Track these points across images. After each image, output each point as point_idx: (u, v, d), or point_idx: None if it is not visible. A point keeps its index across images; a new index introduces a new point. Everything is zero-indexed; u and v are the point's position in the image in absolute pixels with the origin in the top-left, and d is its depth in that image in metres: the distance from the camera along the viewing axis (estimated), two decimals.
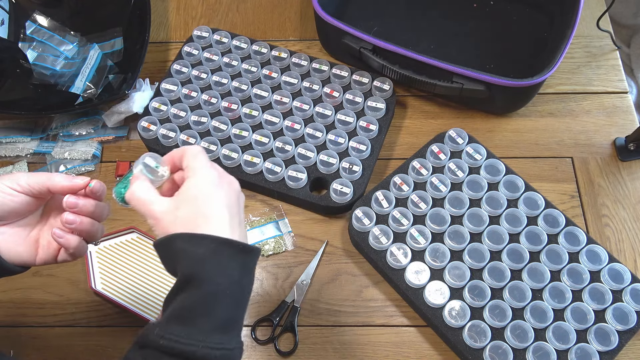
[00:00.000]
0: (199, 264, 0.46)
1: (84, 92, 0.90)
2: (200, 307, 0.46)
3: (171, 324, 0.46)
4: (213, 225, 0.48)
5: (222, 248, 0.48)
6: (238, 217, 0.51)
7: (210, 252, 0.47)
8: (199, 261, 0.46)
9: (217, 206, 0.49)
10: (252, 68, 0.89)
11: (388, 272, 0.73)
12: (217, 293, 0.46)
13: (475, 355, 0.68)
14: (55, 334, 0.74)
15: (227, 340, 0.47)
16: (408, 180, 0.79)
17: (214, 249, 0.47)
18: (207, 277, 0.46)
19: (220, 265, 0.47)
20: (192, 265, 0.46)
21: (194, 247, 0.47)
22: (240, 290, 0.48)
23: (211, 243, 0.47)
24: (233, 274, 0.48)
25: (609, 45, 0.95)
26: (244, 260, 0.49)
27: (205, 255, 0.47)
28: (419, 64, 0.81)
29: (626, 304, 0.70)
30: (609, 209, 0.81)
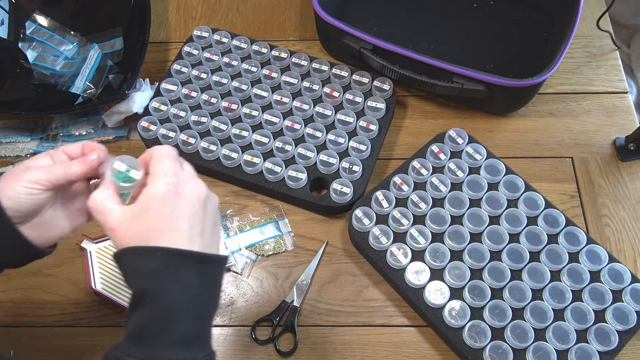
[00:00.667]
0: (151, 279, 0.45)
1: (84, 92, 0.90)
2: (156, 324, 0.44)
3: (130, 345, 0.44)
4: (166, 237, 0.46)
5: (175, 260, 0.45)
6: (200, 227, 0.48)
7: (162, 266, 0.45)
8: (150, 276, 0.45)
9: (172, 217, 0.47)
10: (252, 68, 0.89)
11: (388, 272, 0.73)
12: (172, 308, 0.44)
13: (475, 355, 0.68)
14: (55, 334, 0.74)
15: (192, 354, 0.45)
16: (408, 180, 0.79)
17: (166, 262, 0.45)
18: (160, 292, 0.44)
19: (174, 279, 0.45)
20: (144, 280, 0.45)
21: (146, 261, 0.45)
22: (200, 303, 0.46)
23: (163, 256, 0.45)
24: (190, 287, 0.45)
25: (609, 45, 0.95)
26: (202, 270, 0.47)
27: (157, 269, 0.45)
28: (419, 64, 0.81)
29: (626, 304, 0.70)
30: (609, 209, 0.81)
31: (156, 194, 0.47)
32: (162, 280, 0.45)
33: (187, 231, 0.47)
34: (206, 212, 0.49)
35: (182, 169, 0.50)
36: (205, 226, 0.49)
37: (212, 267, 0.48)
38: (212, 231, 0.50)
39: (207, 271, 0.47)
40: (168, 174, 0.48)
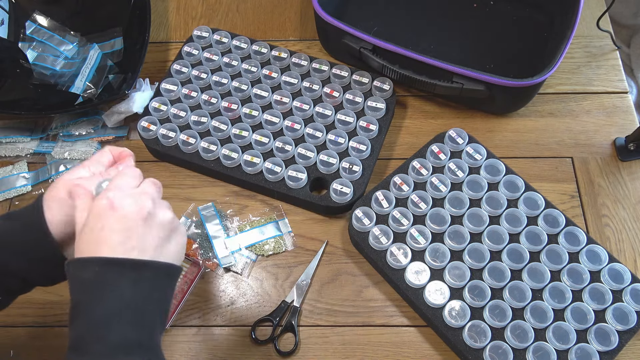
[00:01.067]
0: (83, 289, 0.46)
1: (84, 92, 0.90)
2: (91, 333, 0.45)
3: (71, 356, 0.45)
4: (100, 250, 0.46)
5: (108, 269, 0.46)
6: (138, 241, 0.47)
7: (95, 275, 0.45)
8: (83, 286, 0.46)
9: (103, 231, 0.47)
10: (252, 68, 0.89)
11: (388, 272, 0.73)
12: (106, 316, 0.45)
13: (475, 355, 0.68)
14: (55, 334, 0.74)
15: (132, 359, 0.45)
16: (408, 180, 0.79)
17: (98, 272, 0.46)
18: (94, 301, 0.45)
19: (106, 287, 0.45)
20: (78, 290, 0.46)
21: (81, 273, 0.46)
22: (137, 310, 0.46)
23: (96, 266, 0.46)
24: (124, 294, 0.45)
25: (609, 45, 0.95)
26: (139, 277, 0.47)
27: (90, 280, 0.45)
28: (419, 64, 0.81)
29: (626, 304, 0.70)
30: (609, 209, 0.81)
31: (93, 207, 0.48)
32: (94, 289, 0.45)
33: (119, 245, 0.46)
34: (148, 227, 0.48)
35: (137, 183, 0.52)
36: (146, 240, 0.48)
37: (151, 273, 0.48)
38: (160, 245, 0.49)
39: (146, 278, 0.47)
40: (112, 187, 0.50)
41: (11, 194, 0.84)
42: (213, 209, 0.81)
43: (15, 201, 0.84)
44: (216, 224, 0.80)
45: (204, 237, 0.79)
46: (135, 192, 0.50)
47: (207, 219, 0.81)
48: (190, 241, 0.80)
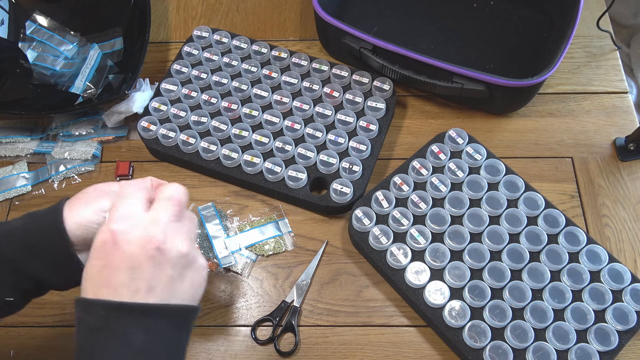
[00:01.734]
0: (89, 334, 0.41)
1: (84, 92, 0.90)
2: None
3: None
4: (104, 289, 0.42)
5: (114, 314, 0.41)
6: (146, 282, 0.42)
7: (99, 320, 0.41)
8: (89, 330, 0.42)
9: (104, 270, 0.42)
10: (252, 68, 0.89)
11: (388, 272, 0.73)
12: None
13: (475, 355, 0.68)
14: (55, 334, 0.74)
15: None
16: (408, 180, 0.79)
17: (104, 317, 0.41)
18: (98, 350, 0.41)
19: (113, 336, 0.41)
20: (83, 334, 0.42)
21: (85, 315, 0.42)
22: (148, 358, 0.41)
23: (102, 310, 0.41)
24: (133, 343, 0.41)
25: (609, 45, 0.95)
26: (148, 324, 0.42)
27: (95, 325, 0.41)
28: (419, 64, 0.81)
29: (626, 304, 0.70)
30: (609, 209, 0.81)
31: (95, 240, 0.44)
32: (100, 336, 0.41)
33: (124, 287, 0.42)
34: (157, 264, 0.43)
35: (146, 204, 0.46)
36: (155, 280, 0.43)
37: (164, 318, 0.43)
38: (172, 284, 0.44)
39: (157, 324, 0.42)
40: (114, 218, 0.44)
41: (11, 194, 0.84)
42: (213, 209, 0.81)
43: (15, 201, 0.84)
44: (216, 224, 0.80)
45: (203, 237, 0.79)
46: (143, 221, 0.44)
47: (207, 219, 0.81)
48: None
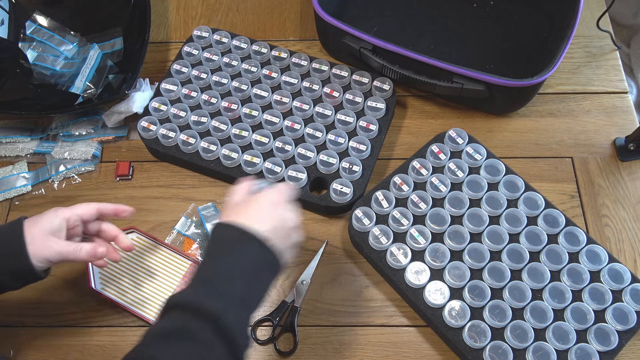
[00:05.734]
0: (221, 243, 0.58)
1: (84, 92, 0.90)
2: (219, 277, 0.55)
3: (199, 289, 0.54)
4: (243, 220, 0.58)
5: (245, 235, 0.57)
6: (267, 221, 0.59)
7: (235, 235, 0.57)
8: (222, 240, 0.58)
9: (253, 209, 0.60)
10: (252, 68, 0.89)
11: (388, 272, 0.73)
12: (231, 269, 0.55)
13: (475, 355, 0.68)
14: (55, 334, 0.74)
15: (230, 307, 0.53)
16: (408, 180, 0.79)
17: (237, 234, 0.57)
18: (226, 254, 0.56)
19: (239, 248, 0.56)
20: (216, 243, 0.58)
21: (223, 231, 0.58)
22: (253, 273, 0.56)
23: (235, 231, 0.57)
24: (248, 258, 0.56)
25: (609, 45, 0.95)
26: (263, 249, 0.57)
27: (229, 237, 0.57)
28: (419, 64, 0.81)
29: (626, 304, 0.70)
30: (609, 209, 0.81)
31: (252, 197, 0.63)
32: (229, 246, 0.57)
33: (257, 222, 0.58)
34: (273, 211, 0.61)
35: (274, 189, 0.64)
36: (269, 219, 0.59)
37: (273, 253, 0.57)
38: (283, 238, 0.60)
39: (267, 252, 0.57)
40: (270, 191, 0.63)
41: (11, 194, 0.84)
42: (213, 209, 0.81)
43: (15, 201, 0.84)
44: None
45: (204, 237, 0.79)
46: (271, 192, 0.63)
47: (207, 219, 0.81)
48: (191, 241, 0.80)
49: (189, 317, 0.50)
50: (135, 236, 0.79)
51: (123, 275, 0.77)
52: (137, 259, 0.78)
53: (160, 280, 0.77)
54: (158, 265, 0.77)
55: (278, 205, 0.62)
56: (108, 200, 0.83)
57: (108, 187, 0.85)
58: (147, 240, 0.79)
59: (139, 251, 0.79)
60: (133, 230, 0.79)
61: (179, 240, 0.80)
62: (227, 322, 0.50)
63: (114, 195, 0.84)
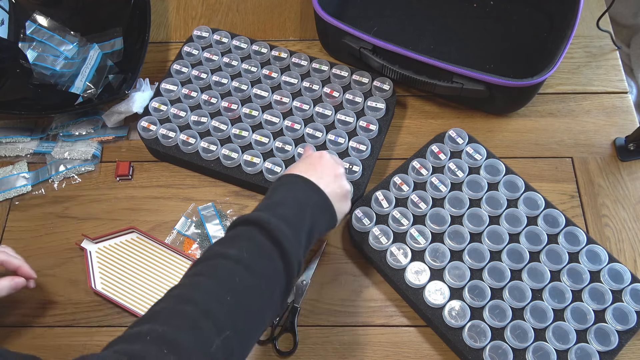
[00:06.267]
0: (278, 184, 0.66)
1: (84, 92, 0.90)
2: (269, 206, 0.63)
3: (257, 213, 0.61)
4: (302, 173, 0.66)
5: (298, 179, 0.66)
6: (317, 170, 0.67)
7: (289, 179, 0.66)
8: (279, 182, 0.67)
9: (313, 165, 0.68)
10: (252, 68, 0.89)
11: (388, 272, 0.73)
12: (281, 200, 0.63)
13: (475, 355, 0.68)
14: (55, 334, 0.74)
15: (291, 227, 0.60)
16: (408, 180, 0.79)
17: (292, 178, 0.66)
18: (279, 191, 0.65)
19: (288, 187, 0.65)
20: (274, 185, 0.66)
21: (283, 178, 0.67)
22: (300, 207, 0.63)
23: (292, 177, 0.66)
24: (297, 195, 0.64)
25: (609, 45, 0.95)
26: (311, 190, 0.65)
27: (284, 181, 0.66)
28: (419, 64, 0.81)
29: (626, 304, 0.70)
30: (609, 209, 0.81)
31: (313, 154, 0.71)
32: (282, 186, 0.65)
33: (313, 175, 0.66)
34: (323, 164, 0.68)
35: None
36: (320, 170, 0.67)
37: (320, 196, 0.65)
38: (331, 177, 0.67)
39: (316, 193, 0.65)
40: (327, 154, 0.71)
41: (11, 194, 0.84)
42: (213, 209, 0.81)
43: (15, 201, 0.84)
44: (216, 224, 0.80)
45: (203, 237, 0.80)
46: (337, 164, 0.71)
47: (207, 219, 0.81)
48: (191, 241, 0.80)
49: (241, 227, 0.59)
50: (135, 236, 0.79)
51: (123, 275, 0.77)
52: (137, 259, 0.78)
53: (160, 280, 0.77)
54: (158, 265, 0.77)
55: (335, 167, 0.69)
56: (108, 200, 0.83)
57: (108, 187, 0.85)
58: (147, 240, 0.79)
59: (139, 251, 0.79)
60: (133, 230, 0.79)
61: (179, 240, 0.80)
62: (273, 228, 0.58)
63: (114, 195, 0.84)
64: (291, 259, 0.57)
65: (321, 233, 0.65)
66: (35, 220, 0.82)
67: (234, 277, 0.54)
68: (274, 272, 0.57)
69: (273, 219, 0.59)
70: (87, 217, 0.82)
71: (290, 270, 0.58)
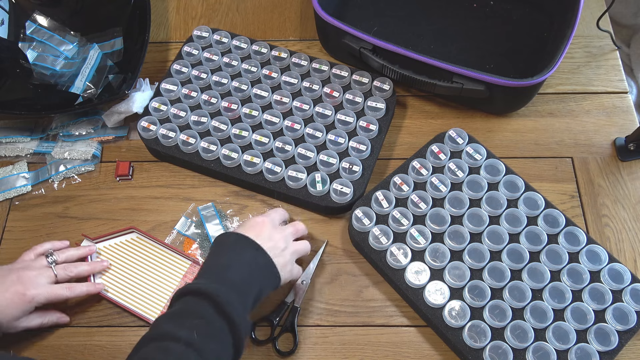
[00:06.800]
0: (220, 245, 0.67)
1: (84, 92, 0.90)
2: (215, 270, 0.64)
3: (197, 280, 0.63)
4: (246, 233, 0.67)
5: (241, 239, 0.66)
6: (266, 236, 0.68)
7: (232, 239, 0.67)
8: (221, 243, 0.67)
9: (254, 228, 0.69)
10: (252, 68, 0.89)
11: (388, 272, 0.73)
12: (228, 264, 0.64)
13: (475, 355, 0.68)
14: (55, 334, 0.74)
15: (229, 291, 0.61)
16: (408, 180, 0.79)
17: (234, 239, 0.67)
18: (223, 254, 0.66)
19: (234, 249, 0.66)
20: (216, 246, 0.67)
21: (224, 238, 0.68)
22: (249, 272, 0.64)
23: (235, 236, 0.67)
24: (244, 258, 0.65)
25: (609, 45, 0.95)
26: (257, 253, 0.66)
27: (227, 242, 0.67)
28: (419, 64, 0.81)
29: (626, 304, 0.70)
30: (609, 209, 0.81)
31: (252, 219, 0.72)
32: (227, 248, 0.66)
33: (257, 238, 0.67)
34: (274, 230, 0.70)
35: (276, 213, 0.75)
36: (270, 235, 0.69)
37: (266, 258, 0.66)
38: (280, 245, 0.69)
39: (261, 255, 0.66)
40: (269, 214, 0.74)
41: (11, 194, 0.84)
42: (213, 209, 0.81)
43: (15, 201, 0.84)
44: (216, 224, 0.80)
45: (203, 237, 0.79)
46: (273, 212, 0.74)
47: (207, 219, 0.81)
48: (190, 241, 0.80)
49: (190, 298, 0.59)
50: (135, 236, 0.79)
51: (123, 275, 0.77)
52: (137, 259, 0.78)
53: (160, 280, 0.77)
54: (158, 265, 0.77)
55: (276, 227, 0.71)
56: (108, 200, 0.83)
57: (108, 187, 0.85)
58: (147, 240, 0.79)
59: (139, 251, 0.79)
60: (133, 230, 0.79)
61: (179, 240, 0.80)
62: (223, 301, 0.58)
63: (114, 195, 0.84)
64: (240, 333, 0.59)
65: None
66: (35, 220, 0.82)
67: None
68: (223, 349, 0.58)
69: (222, 289, 0.60)
70: (87, 217, 0.82)
71: (239, 343, 0.59)
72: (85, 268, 0.74)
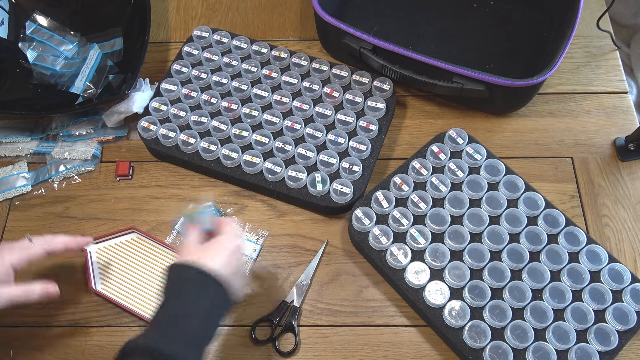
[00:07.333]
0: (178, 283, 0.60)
1: (84, 92, 0.90)
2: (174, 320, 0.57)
3: (150, 332, 0.56)
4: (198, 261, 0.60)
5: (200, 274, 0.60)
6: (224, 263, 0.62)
7: (190, 276, 0.60)
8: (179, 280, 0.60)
9: (206, 253, 0.62)
10: (252, 68, 0.89)
11: (388, 272, 0.73)
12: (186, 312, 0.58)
13: (475, 355, 0.68)
14: (55, 334, 0.74)
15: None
16: (408, 180, 0.79)
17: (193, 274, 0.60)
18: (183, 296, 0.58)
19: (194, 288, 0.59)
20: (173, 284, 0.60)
21: (179, 272, 0.60)
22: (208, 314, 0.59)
23: (193, 270, 0.60)
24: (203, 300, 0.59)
25: (609, 45, 0.95)
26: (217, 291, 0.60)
27: (185, 278, 0.60)
28: (419, 64, 0.81)
29: (626, 304, 0.70)
30: (609, 209, 0.81)
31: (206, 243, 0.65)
32: (186, 286, 0.59)
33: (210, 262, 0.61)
34: (231, 255, 0.64)
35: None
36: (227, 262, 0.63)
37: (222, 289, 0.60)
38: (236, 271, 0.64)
39: (216, 289, 0.60)
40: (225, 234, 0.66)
41: (11, 194, 0.84)
42: (213, 209, 0.81)
43: (15, 201, 0.84)
44: None
45: None
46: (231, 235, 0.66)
47: None
48: None
49: (139, 357, 0.53)
50: (135, 236, 0.79)
51: (123, 275, 0.77)
52: (137, 259, 0.78)
53: (160, 280, 0.77)
54: (158, 266, 0.77)
55: (235, 250, 0.65)
56: (108, 200, 0.83)
57: (108, 187, 0.85)
58: (147, 240, 0.79)
59: (139, 251, 0.79)
60: (133, 231, 0.79)
61: (179, 240, 0.80)
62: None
63: (114, 195, 0.84)
64: None
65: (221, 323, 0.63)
66: (35, 220, 0.82)
67: None
68: None
69: (172, 345, 0.54)
70: (87, 217, 0.82)
71: None
72: (63, 238, 0.71)
